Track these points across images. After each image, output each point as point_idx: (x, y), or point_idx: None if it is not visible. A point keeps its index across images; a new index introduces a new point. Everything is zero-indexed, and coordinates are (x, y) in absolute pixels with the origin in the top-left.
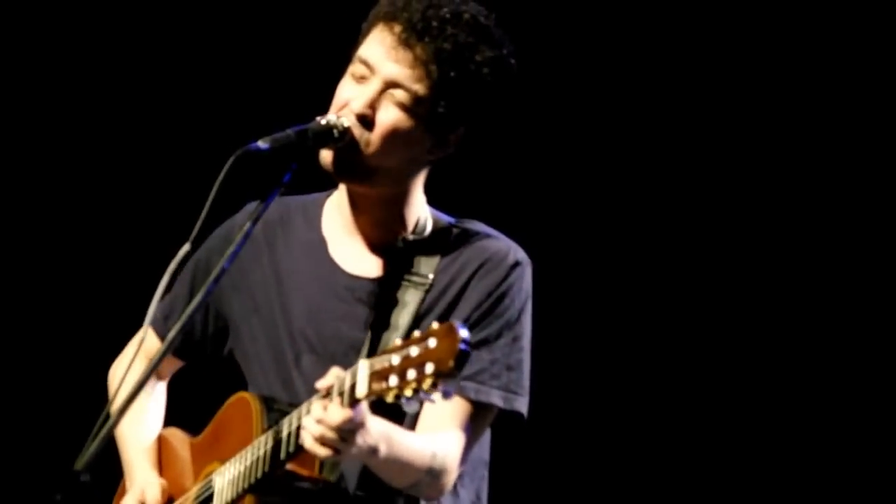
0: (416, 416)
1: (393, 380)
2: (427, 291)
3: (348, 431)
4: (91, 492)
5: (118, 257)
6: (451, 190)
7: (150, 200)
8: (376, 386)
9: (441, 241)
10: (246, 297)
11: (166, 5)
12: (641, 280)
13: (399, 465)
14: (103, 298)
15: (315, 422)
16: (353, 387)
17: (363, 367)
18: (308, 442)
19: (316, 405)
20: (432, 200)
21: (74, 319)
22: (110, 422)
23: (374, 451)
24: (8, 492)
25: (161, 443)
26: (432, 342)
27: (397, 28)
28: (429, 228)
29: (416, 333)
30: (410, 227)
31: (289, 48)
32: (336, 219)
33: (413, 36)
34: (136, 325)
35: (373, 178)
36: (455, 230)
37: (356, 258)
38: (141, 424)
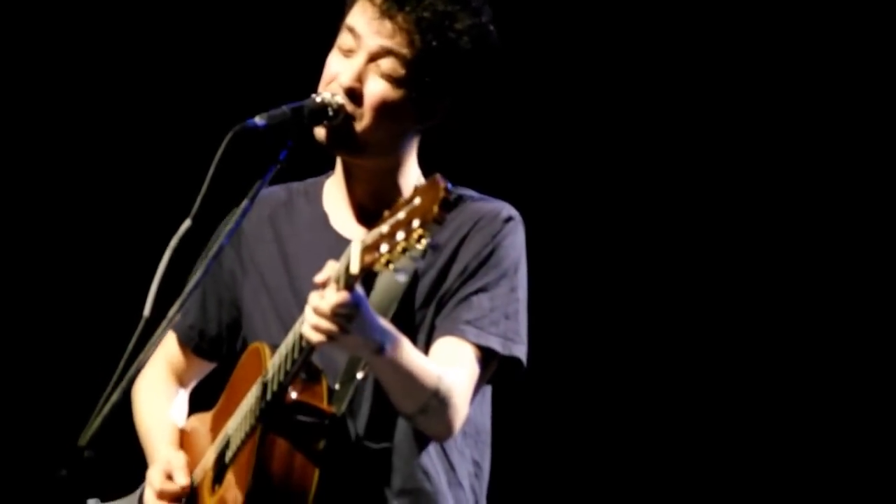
0: None
1: (384, 247)
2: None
3: (345, 316)
4: (95, 467)
5: (119, 236)
6: (446, 164)
7: (149, 179)
8: (368, 258)
9: None
10: (255, 279)
11: None
12: (637, 271)
13: (405, 376)
14: (105, 278)
15: (311, 309)
16: (347, 267)
17: (356, 245)
18: (305, 330)
19: (313, 294)
20: (428, 173)
21: (76, 299)
22: (114, 397)
23: (378, 348)
24: (13, 467)
25: (182, 431)
26: (417, 200)
27: (379, 0)
28: None
29: (403, 198)
30: (405, 194)
31: (280, 23)
32: (335, 194)
33: (394, 6)
34: (137, 304)
35: (365, 150)
36: None
37: (356, 227)
38: (161, 417)
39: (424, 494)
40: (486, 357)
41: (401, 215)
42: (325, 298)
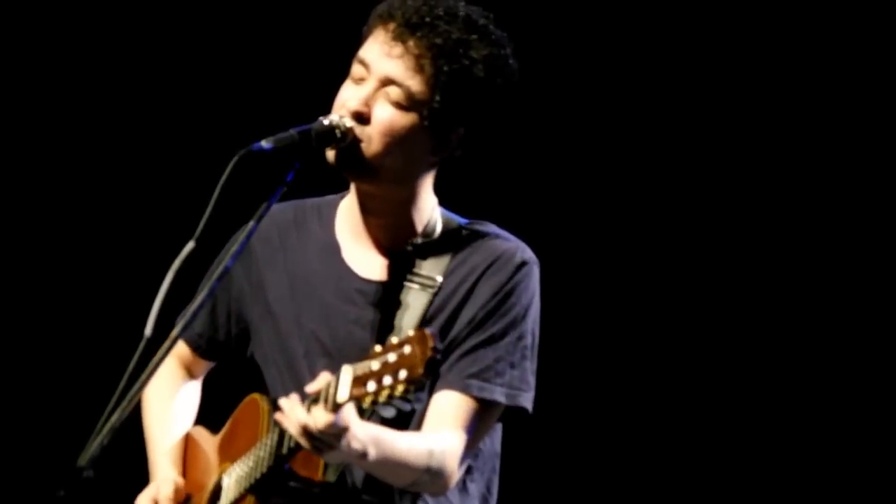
0: (422, 416)
1: (371, 385)
2: (435, 294)
3: (331, 436)
4: (94, 487)
5: (124, 256)
6: (465, 192)
7: (155, 200)
8: (356, 391)
9: (450, 244)
10: (262, 300)
11: (173, 6)
12: (648, 280)
13: (392, 465)
14: (109, 297)
15: (300, 425)
16: (336, 392)
17: (346, 372)
18: (293, 432)
19: (299, 409)
20: (445, 202)
21: (79, 317)
22: (114, 418)
23: (362, 454)
24: (11, 487)
25: (187, 441)
26: (407, 349)
27: (392, 25)
28: (438, 230)
29: (394, 340)
30: (420, 229)
31: (293, 48)
32: (349, 222)
33: (406, 32)
34: (140, 323)
35: (376, 176)
36: (465, 232)
37: (368, 262)
38: (167, 425)
39: None
40: (491, 408)
41: (391, 358)
42: (315, 418)
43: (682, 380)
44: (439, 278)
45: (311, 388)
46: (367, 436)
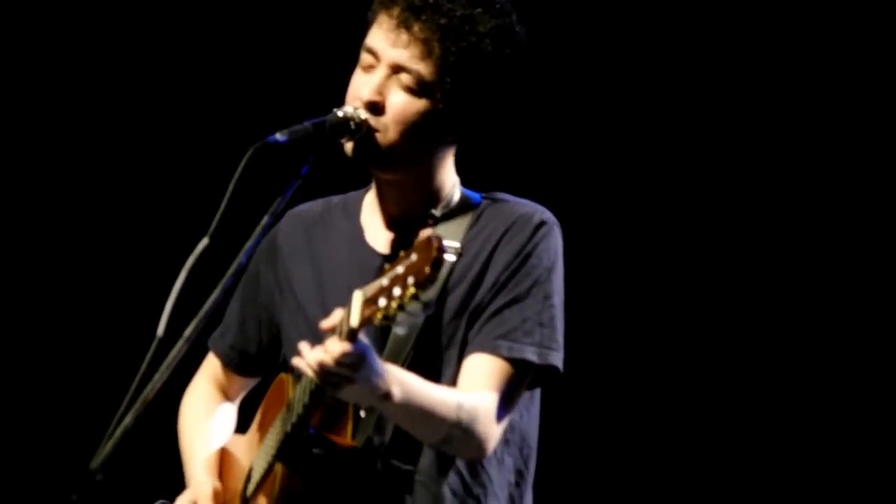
0: (453, 381)
1: (381, 301)
2: (456, 261)
3: (347, 366)
4: (106, 491)
5: (139, 253)
6: (487, 174)
7: (169, 197)
8: (367, 311)
9: (468, 213)
10: (291, 298)
11: (187, 4)
12: (655, 277)
13: (418, 412)
14: (123, 295)
15: (316, 360)
16: (348, 319)
17: (357, 296)
18: (309, 373)
19: (318, 347)
20: (465, 179)
21: (92, 317)
22: (127, 420)
23: (385, 394)
24: (24, 491)
25: (223, 453)
26: (413, 256)
27: (395, 11)
28: (455, 202)
29: (402, 252)
30: (439, 204)
31: (306, 41)
32: (372, 208)
33: (411, 16)
34: (155, 322)
35: (393, 163)
36: (483, 202)
37: (389, 240)
38: (202, 439)
39: None
40: (522, 369)
41: (399, 269)
42: (329, 349)
43: (682, 379)
44: (457, 245)
45: (325, 323)
46: (391, 375)
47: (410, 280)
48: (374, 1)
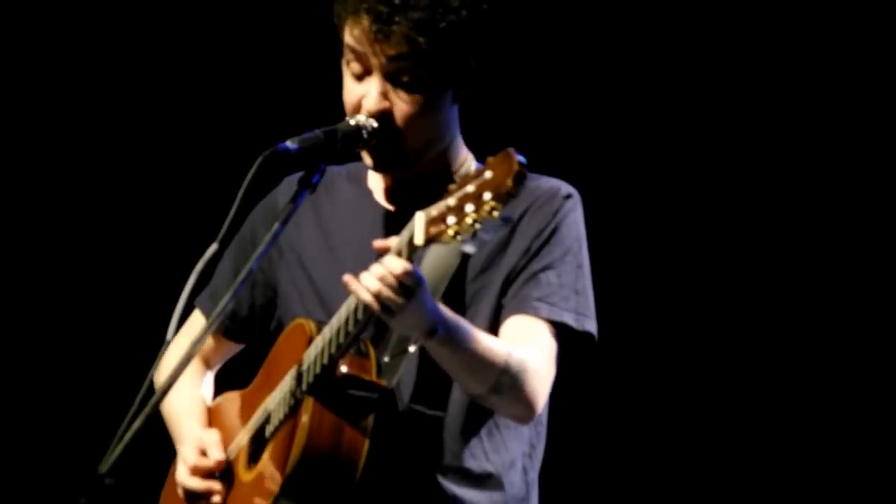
0: None
1: (451, 219)
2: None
3: (408, 287)
4: (115, 495)
5: (149, 258)
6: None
7: (180, 201)
8: (433, 229)
9: None
10: (292, 258)
11: (199, 8)
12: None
13: (466, 358)
14: (133, 300)
15: (374, 276)
16: (411, 239)
17: (419, 217)
18: (365, 296)
19: (376, 264)
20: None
21: (104, 322)
22: (136, 423)
23: (431, 330)
24: (33, 495)
25: (211, 412)
26: (488, 174)
27: (366, 22)
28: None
29: (472, 170)
30: (455, 168)
31: (317, 49)
32: (381, 176)
33: (384, 25)
34: (163, 327)
35: (415, 161)
36: None
37: (403, 200)
38: (187, 400)
39: (472, 473)
40: (559, 333)
41: (470, 188)
42: (389, 266)
43: (682, 379)
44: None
45: (378, 243)
46: (438, 309)
47: (487, 195)
48: (338, 7)
